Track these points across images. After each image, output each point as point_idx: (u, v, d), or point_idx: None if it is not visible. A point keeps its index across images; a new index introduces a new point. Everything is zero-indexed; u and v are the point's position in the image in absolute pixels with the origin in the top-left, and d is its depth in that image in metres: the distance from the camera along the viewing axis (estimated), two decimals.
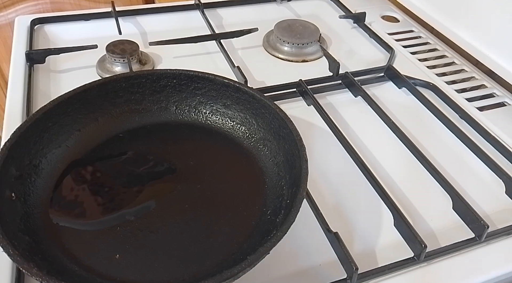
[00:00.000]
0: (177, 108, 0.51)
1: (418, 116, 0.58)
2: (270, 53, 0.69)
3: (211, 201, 0.44)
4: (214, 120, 0.50)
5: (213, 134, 0.50)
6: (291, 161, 0.42)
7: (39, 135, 0.43)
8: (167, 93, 0.50)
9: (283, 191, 0.42)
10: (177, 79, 0.49)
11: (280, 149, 0.45)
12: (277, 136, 0.45)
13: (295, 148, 0.41)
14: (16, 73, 0.61)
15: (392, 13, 0.80)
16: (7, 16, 1.01)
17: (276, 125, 0.45)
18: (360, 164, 0.49)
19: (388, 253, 0.42)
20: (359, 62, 0.68)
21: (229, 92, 0.49)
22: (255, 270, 0.40)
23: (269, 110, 0.46)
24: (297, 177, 0.39)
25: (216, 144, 0.49)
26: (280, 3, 0.81)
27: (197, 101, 0.50)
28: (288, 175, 0.43)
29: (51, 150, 0.44)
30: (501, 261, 0.42)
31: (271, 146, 0.46)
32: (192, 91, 0.50)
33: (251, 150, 0.48)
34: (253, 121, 0.48)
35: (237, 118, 0.49)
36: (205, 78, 0.49)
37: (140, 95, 0.50)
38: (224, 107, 0.50)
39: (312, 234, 0.43)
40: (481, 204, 0.47)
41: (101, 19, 0.72)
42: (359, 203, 0.47)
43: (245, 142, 0.48)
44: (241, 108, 0.49)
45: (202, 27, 0.71)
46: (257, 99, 0.47)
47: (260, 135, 0.48)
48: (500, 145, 0.53)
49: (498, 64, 0.61)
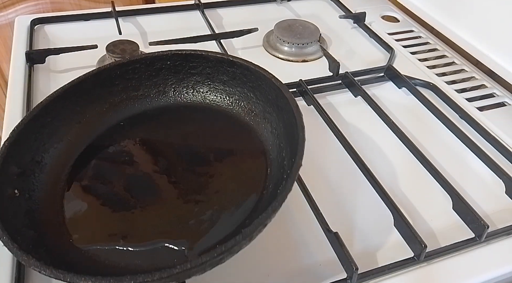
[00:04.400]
0: (175, 91, 0.50)
1: (418, 116, 0.58)
2: (270, 53, 0.69)
3: (214, 179, 0.43)
4: (213, 98, 0.50)
5: (213, 112, 0.49)
6: (290, 132, 0.42)
7: (38, 131, 0.43)
8: (163, 76, 0.50)
9: (284, 162, 0.41)
10: (171, 60, 0.49)
11: (279, 120, 0.45)
12: (276, 107, 0.45)
13: (293, 117, 0.40)
14: (16, 73, 0.61)
15: (392, 13, 0.80)
16: (7, 16, 1.01)
17: (273, 95, 0.45)
18: (360, 164, 0.49)
19: (388, 253, 0.42)
20: (359, 62, 0.68)
21: (224, 68, 0.48)
22: (255, 270, 0.40)
23: (265, 81, 0.45)
24: (295, 148, 0.38)
25: (217, 122, 0.49)
26: (280, 3, 0.81)
27: (194, 81, 0.50)
28: (288, 146, 0.42)
29: (53, 145, 0.44)
30: (501, 261, 0.42)
31: (271, 118, 0.46)
32: (188, 71, 0.49)
33: (252, 124, 0.47)
34: (251, 94, 0.48)
35: (235, 93, 0.49)
36: (199, 56, 0.48)
37: (136, 81, 0.49)
38: (221, 84, 0.49)
39: (312, 234, 0.43)
40: (481, 204, 0.47)
41: (101, 19, 0.72)
42: (359, 203, 0.47)
43: (246, 118, 0.48)
44: (238, 82, 0.48)
45: (202, 27, 0.71)
46: (252, 71, 0.46)
47: (259, 108, 0.47)
48: (500, 145, 0.53)
49: (498, 64, 0.61)
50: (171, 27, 0.73)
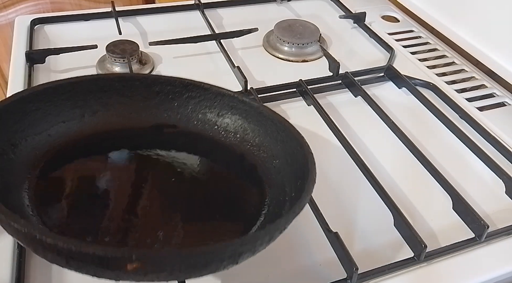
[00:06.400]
0: (168, 116, 0.49)
1: (418, 116, 0.58)
2: (270, 53, 0.69)
3: (207, 204, 0.42)
4: (206, 128, 0.49)
5: (205, 141, 0.48)
6: (290, 161, 0.42)
7: (21, 116, 0.41)
8: (160, 100, 0.48)
9: (285, 189, 0.41)
10: (171, 86, 0.48)
11: (278, 152, 0.44)
12: (274, 140, 0.45)
13: (297, 146, 0.41)
14: (16, 73, 0.60)
15: (392, 13, 0.80)
16: (7, 16, 1.01)
17: (273, 129, 0.45)
18: (360, 164, 0.49)
19: (388, 253, 0.42)
20: (359, 62, 0.68)
21: (224, 101, 0.48)
22: (255, 270, 0.40)
23: (266, 116, 0.45)
24: (300, 171, 0.38)
25: (209, 151, 0.48)
26: (280, 3, 0.81)
27: (189, 110, 0.49)
28: (288, 174, 0.42)
29: (31, 135, 0.42)
30: (501, 261, 0.42)
31: (268, 151, 0.45)
32: (186, 99, 0.49)
33: (247, 155, 0.46)
34: (247, 127, 0.47)
35: (231, 126, 0.48)
36: (200, 88, 0.48)
37: (129, 100, 0.48)
38: (217, 116, 0.49)
39: (312, 234, 0.42)
40: (481, 204, 0.47)
41: (101, 19, 0.72)
42: (359, 203, 0.47)
43: (241, 147, 0.47)
44: (238, 117, 0.48)
45: (202, 27, 0.71)
46: (253, 107, 0.46)
47: (256, 141, 0.47)
48: (500, 145, 0.53)
49: (498, 64, 0.61)
50: (171, 27, 0.73)
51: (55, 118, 0.44)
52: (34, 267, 0.39)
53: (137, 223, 0.39)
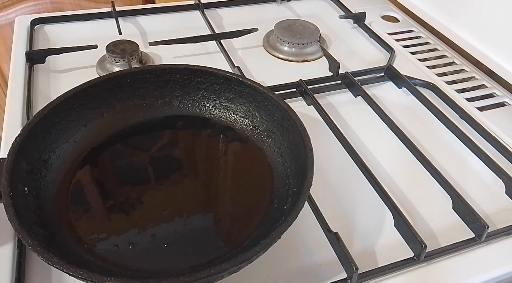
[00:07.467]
0: (180, 103, 0.51)
1: (418, 116, 0.58)
2: (270, 53, 0.69)
3: (218, 192, 0.45)
4: (217, 113, 0.51)
5: (216, 127, 0.50)
6: (296, 151, 0.43)
7: (47, 131, 0.44)
8: (171, 88, 0.51)
9: (289, 180, 0.43)
10: (180, 74, 0.50)
11: (284, 140, 0.46)
12: (281, 127, 0.46)
13: (299, 138, 0.42)
14: (16, 73, 0.61)
15: (392, 13, 0.80)
16: (7, 16, 1.01)
17: (279, 116, 0.46)
18: (360, 164, 0.49)
19: (388, 253, 0.42)
20: (359, 62, 0.68)
21: (231, 86, 0.49)
22: (255, 270, 0.40)
23: (272, 102, 0.47)
24: (302, 166, 0.40)
25: (220, 137, 0.50)
26: (280, 3, 0.81)
27: (200, 95, 0.51)
28: (293, 164, 0.43)
29: (59, 145, 0.45)
30: (501, 261, 0.42)
31: (275, 137, 0.47)
32: (195, 85, 0.51)
33: (255, 141, 0.49)
34: (256, 113, 0.49)
35: (240, 111, 0.50)
36: (208, 73, 0.49)
37: (144, 90, 0.50)
38: (227, 101, 0.51)
39: (312, 234, 0.43)
40: (481, 204, 0.47)
41: (101, 19, 0.72)
42: (359, 203, 0.47)
43: (249, 134, 0.49)
44: (244, 101, 0.50)
45: (202, 27, 0.71)
46: (259, 92, 0.48)
47: (263, 127, 0.49)
48: (500, 145, 0.53)
49: (498, 64, 0.61)
50: (171, 27, 0.73)
51: (77, 123, 0.47)
52: (34, 267, 0.39)
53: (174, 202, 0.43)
